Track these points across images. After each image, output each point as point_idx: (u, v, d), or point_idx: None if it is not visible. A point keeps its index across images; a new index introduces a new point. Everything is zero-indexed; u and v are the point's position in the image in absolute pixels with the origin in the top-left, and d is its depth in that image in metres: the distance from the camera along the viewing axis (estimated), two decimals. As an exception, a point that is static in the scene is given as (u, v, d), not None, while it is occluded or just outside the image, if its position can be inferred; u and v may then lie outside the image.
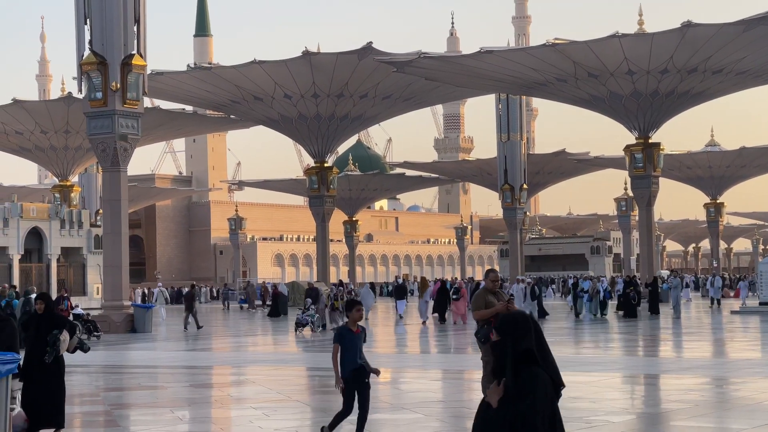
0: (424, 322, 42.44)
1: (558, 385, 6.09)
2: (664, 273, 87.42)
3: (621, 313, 45.81)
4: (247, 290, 71.56)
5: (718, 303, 55.56)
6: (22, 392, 12.32)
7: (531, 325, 6.09)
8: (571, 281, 55.79)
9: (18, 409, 12.55)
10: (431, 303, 45.24)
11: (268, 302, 61.68)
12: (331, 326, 38.55)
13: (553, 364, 6.11)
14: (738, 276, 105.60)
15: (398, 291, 50.33)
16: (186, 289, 58.46)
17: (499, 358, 6.03)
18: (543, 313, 45.30)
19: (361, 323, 12.04)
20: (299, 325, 37.84)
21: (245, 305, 68.62)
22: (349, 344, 11.79)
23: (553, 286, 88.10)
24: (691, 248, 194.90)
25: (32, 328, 12.48)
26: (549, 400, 5.97)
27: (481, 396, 14.06)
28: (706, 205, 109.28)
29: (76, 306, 37.67)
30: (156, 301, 54.39)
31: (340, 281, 70.05)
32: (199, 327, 41.36)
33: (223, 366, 25.81)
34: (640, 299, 45.66)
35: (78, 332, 12.76)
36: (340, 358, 11.77)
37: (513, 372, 5.95)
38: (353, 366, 11.75)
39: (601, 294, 45.69)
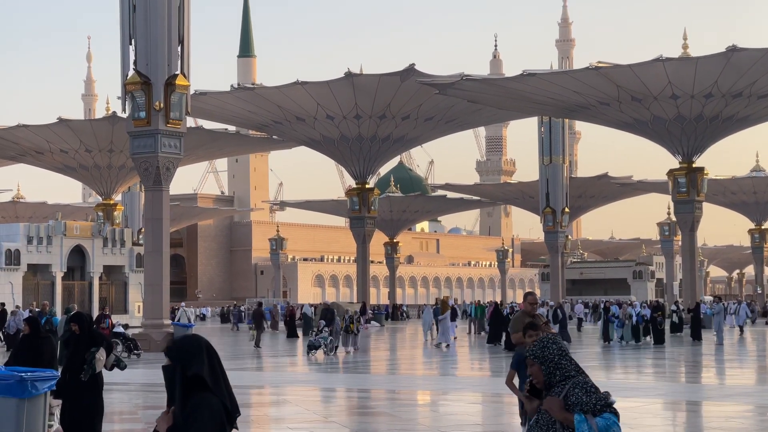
0: (447, 345, 41.78)
1: (232, 412, 5.79)
2: (708, 299, 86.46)
3: (648, 338, 44.87)
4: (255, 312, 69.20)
5: (741, 330, 55.21)
6: (61, 409, 12.35)
7: (202, 349, 5.75)
8: (602, 306, 54.95)
9: (56, 426, 12.59)
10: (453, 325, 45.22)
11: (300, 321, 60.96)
12: (345, 349, 37.79)
13: (228, 390, 5.81)
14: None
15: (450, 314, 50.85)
16: (242, 307, 57.64)
17: (168, 385, 5.74)
18: (566, 338, 43.08)
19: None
20: (311, 347, 36.48)
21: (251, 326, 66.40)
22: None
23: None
24: (735, 274, 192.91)
25: (72, 345, 12.52)
26: (219, 428, 5.69)
27: (517, 419, 13.94)
28: (750, 231, 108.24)
29: (117, 324, 37.85)
30: (179, 320, 53.98)
31: (363, 304, 69.62)
32: (257, 346, 41.35)
33: (259, 386, 25.78)
34: (663, 324, 44.85)
35: (115, 350, 12.79)
36: (520, 388, 10.23)
37: (182, 399, 5.66)
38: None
39: (634, 319, 44.13)
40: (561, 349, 6.11)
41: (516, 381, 9.56)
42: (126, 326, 42.10)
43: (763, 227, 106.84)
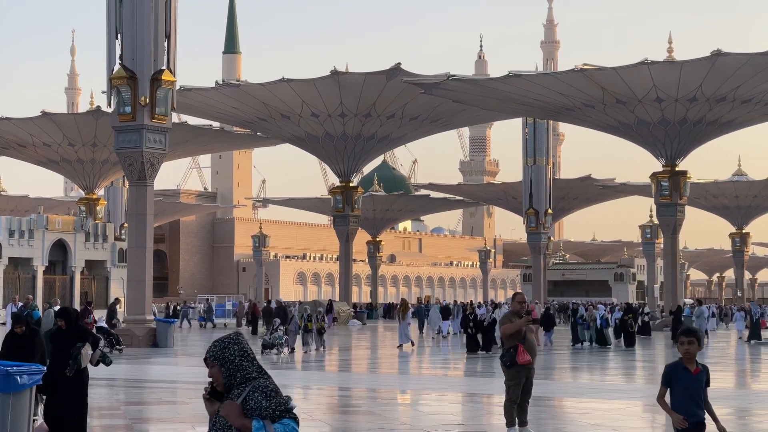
0: (400, 346, 40.46)
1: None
2: (688, 301, 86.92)
3: (619, 341, 44.57)
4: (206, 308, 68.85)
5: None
6: (45, 404, 12.34)
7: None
8: (571, 308, 54.11)
9: (40, 420, 12.58)
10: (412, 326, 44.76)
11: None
12: (303, 349, 36.46)
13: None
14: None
15: (443, 312, 51.60)
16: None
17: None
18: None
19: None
20: (265, 347, 35.20)
21: (203, 323, 66.16)
22: (683, 388, 8.88)
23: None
24: (715, 278, 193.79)
25: (57, 340, 12.51)
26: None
27: (501, 419, 14.02)
28: (731, 235, 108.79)
29: (101, 318, 37.77)
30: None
31: (330, 302, 69.04)
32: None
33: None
34: (634, 327, 44.39)
35: (101, 345, 12.78)
36: (672, 407, 8.94)
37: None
38: (691, 420, 8.83)
39: (598, 322, 43.21)
40: (243, 349, 5.83)
41: (667, 398, 8.87)
42: (114, 324, 41.93)
43: (743, 231, 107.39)
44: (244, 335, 5.96)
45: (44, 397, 12.27)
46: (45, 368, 11.58)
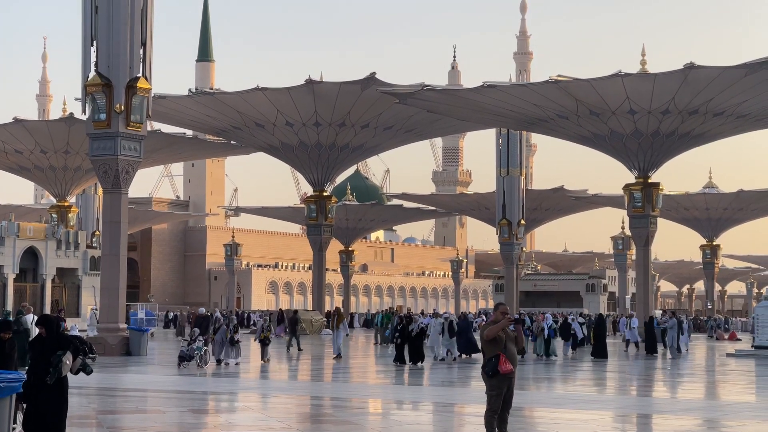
0: (338, 357, 39.24)
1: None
2: (658, 313, 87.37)
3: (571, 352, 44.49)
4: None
5: (628, 345, 51.77)
6: (24, 413, 12.24)
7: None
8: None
9: (19, 429, 12.47)
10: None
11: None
12: (225, 362, 34.39)
13: None
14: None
15: (449, 329, 45.06)
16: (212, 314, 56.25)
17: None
18: (471, 350, 40.55)
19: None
20: (182, 358, 32.86)
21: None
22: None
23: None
24: (685, 289, 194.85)
25: (37, 348, 12.42)
26: None
27: (482, 428, 13.98)
28: (702, 247, 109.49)
29: (74, 326, 37.49)
30: (90, 323, 49.84)
31: (281, 311, 67.83)
32: (299, 349, 41.03)
33: (218, 392, 25.69)
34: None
35: (81, 354, 12.71)
36: None
37: None
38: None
39: (546, 332, 42.16)
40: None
41: None
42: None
43: (714, 243, 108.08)
44: None
45: (24, 405, 12.17)
46: (23, 375, 11.49)
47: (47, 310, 62.40)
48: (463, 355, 40.72)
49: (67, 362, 12.26)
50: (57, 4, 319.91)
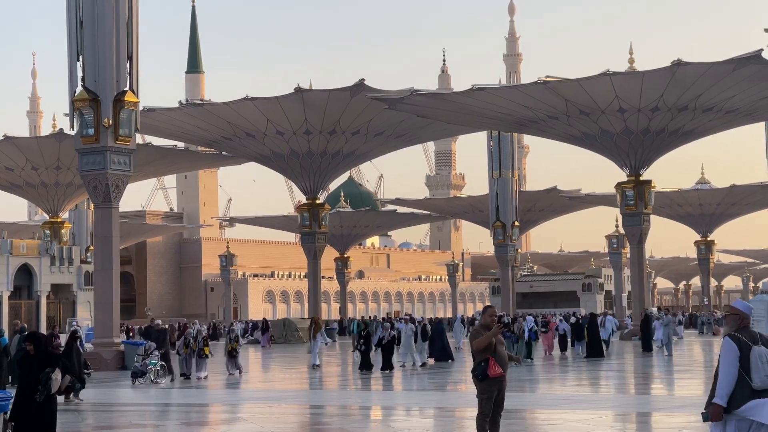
0: (316, 366, 38.54)
1: None
2: (653, 310, 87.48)
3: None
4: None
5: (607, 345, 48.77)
6: (13, 430, 12.19)
7: None
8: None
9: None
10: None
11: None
12: (198, 375, 32.97)
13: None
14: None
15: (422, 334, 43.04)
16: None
17: None
18: (446, 356, 40.50)
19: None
20: (135, 375, 31.41)
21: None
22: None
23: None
24: (681, 285, 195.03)
25: (25, 365, 12.38)
26: None
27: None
28: (696, 243, 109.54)
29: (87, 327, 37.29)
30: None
31: (265, 320, 67.39)
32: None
33: (217, 404, 25.63)
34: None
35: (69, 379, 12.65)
36: None
37: None
38: None
39: (526, 335, 41.45)
40: None
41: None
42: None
43: (708, 239, 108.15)
44: None
45: (12, 423, 12.12)
46: (11, 394, 11.44)
47: (43, 327, 62.31)
48: (432, 360, 40.19)
49: (57, 379, 12.20)
50: (45, 20, 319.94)
